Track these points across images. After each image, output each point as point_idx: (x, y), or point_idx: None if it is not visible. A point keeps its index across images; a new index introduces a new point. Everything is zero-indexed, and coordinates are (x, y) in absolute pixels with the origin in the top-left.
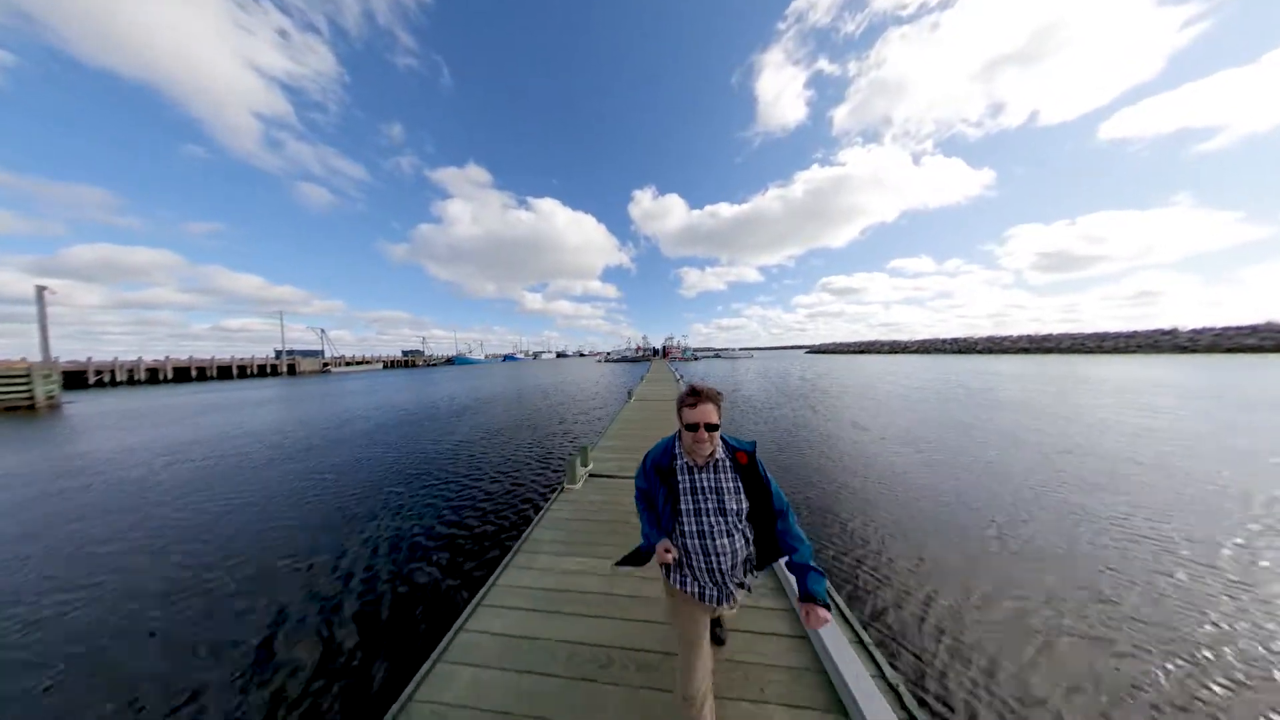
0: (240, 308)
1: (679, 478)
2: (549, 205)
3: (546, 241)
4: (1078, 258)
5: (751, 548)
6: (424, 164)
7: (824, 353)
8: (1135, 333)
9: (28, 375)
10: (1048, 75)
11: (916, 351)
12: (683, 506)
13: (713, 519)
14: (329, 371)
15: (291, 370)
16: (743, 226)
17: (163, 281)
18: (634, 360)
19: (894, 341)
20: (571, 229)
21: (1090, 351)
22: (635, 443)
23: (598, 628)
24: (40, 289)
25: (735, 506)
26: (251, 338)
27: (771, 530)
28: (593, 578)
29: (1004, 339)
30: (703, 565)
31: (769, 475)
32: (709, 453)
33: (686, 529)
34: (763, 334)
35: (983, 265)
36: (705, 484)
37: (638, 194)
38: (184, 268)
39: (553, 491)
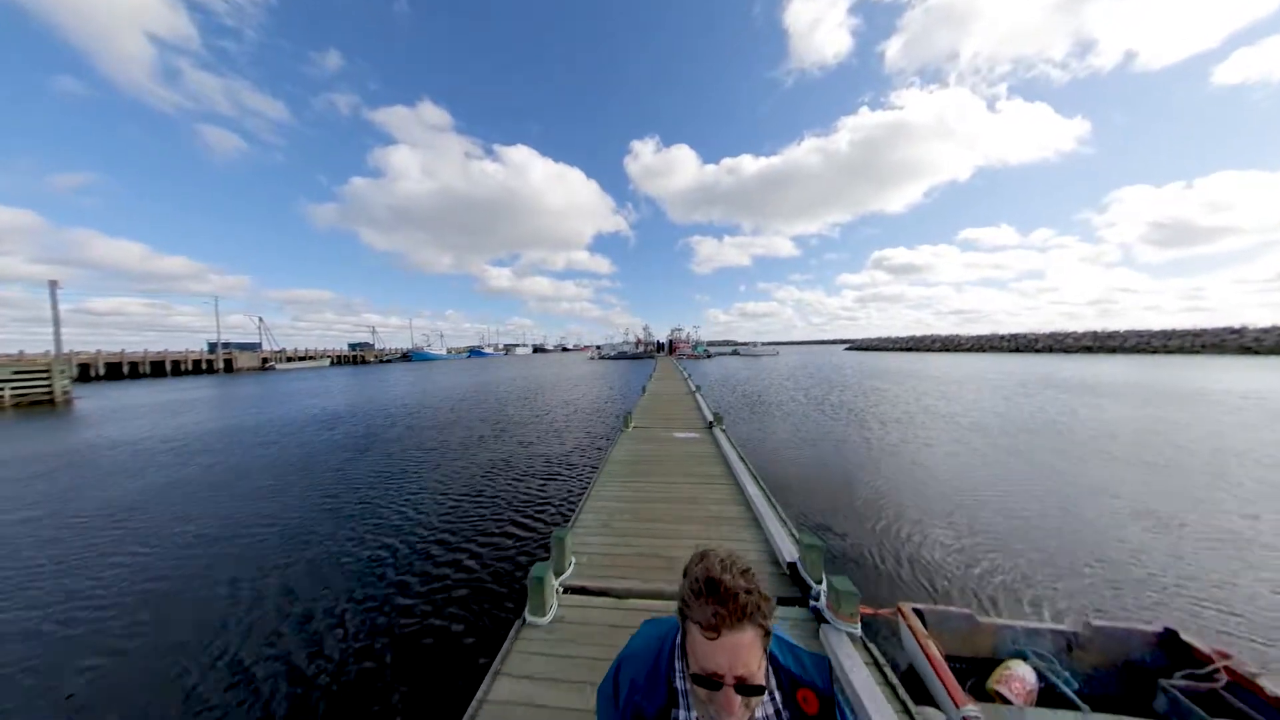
0: (113, 284)
1: None
2: (523, 155)
3: (521, 201)
4: (1200, 229)
5: None
6: (364, 103)
7: (865, 349)
8: (1203, 330)
9: (48, 370)
10: (1144, 8)
11: (971, 349)
12: None
13: None
14: (272, 368)
15: (228, 366)
16: (771, 185)
17: (12, 249)
18: (634, 357)
19: (947, 338)
20: (553, 186)
21: (1155, 351)
22: (661, 414)
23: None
24: (53, 283)
25: None
26: (125, 324)
27: None
28: (650, 451)
29: (1066, 336)
30: None
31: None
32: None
33: None
34: (799, 323)
35: (1079, 237)
36: None
37: (637, 145)
38: (44, 232)
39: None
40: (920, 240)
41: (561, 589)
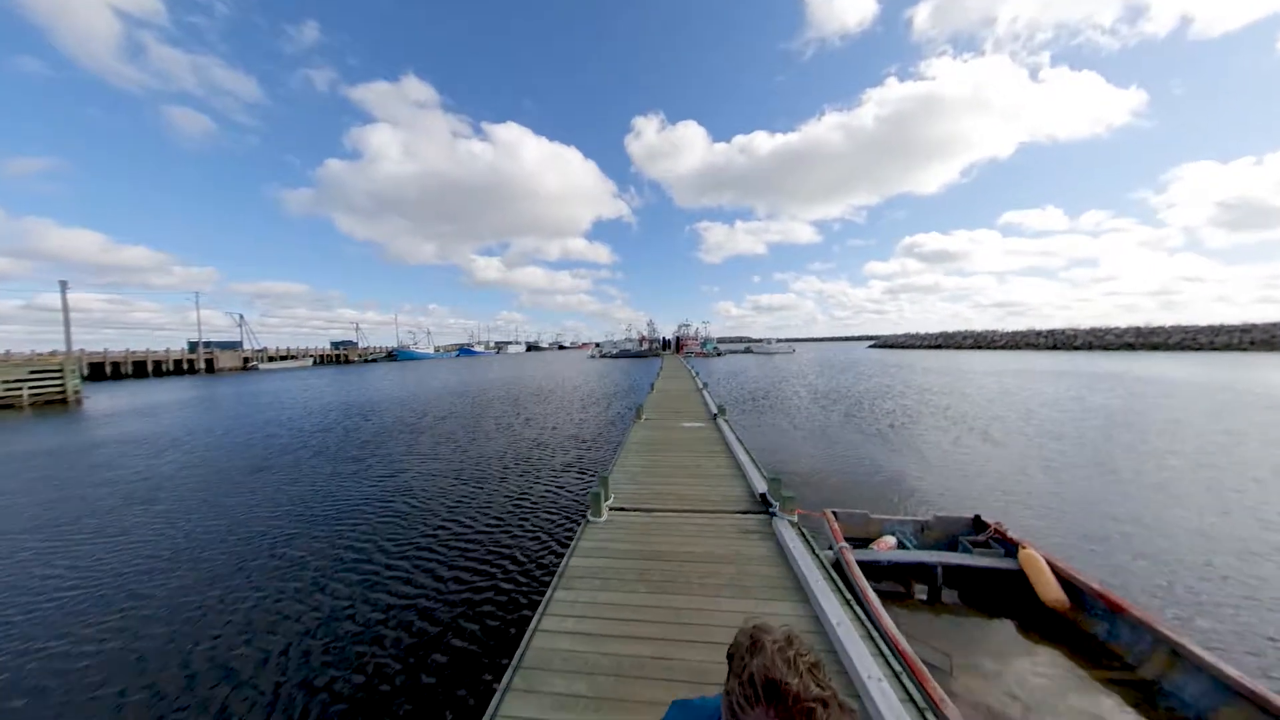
0: (69, 277)
1: None
2: (515, 134)
3: (513, 184)
4: (1273, 210)
5: None
6: (343, 79)
7: (890, 346)
8: (1252, 326)
9: (61, 370)
10: None
11: (1005, 346)
12: None
13: None
14: (255, 368)
15: (209, 366)
16: (788, 165)
17: None
18: (637, 355)
19: (980, 334)
20: (548, 167)
21: (1201, 348)
22: (670, 408)
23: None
24: (63, 283)
25: None
26: (82, 320)
27: None
28: (662, 435)
29: (1106, 332)
30: None
31: None
32: None
33: None
34: (820, 317)
35: (1137, 219)
36: None
37: (640, 122)
38: None
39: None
40: (956, 225)
41: (609, 508)
